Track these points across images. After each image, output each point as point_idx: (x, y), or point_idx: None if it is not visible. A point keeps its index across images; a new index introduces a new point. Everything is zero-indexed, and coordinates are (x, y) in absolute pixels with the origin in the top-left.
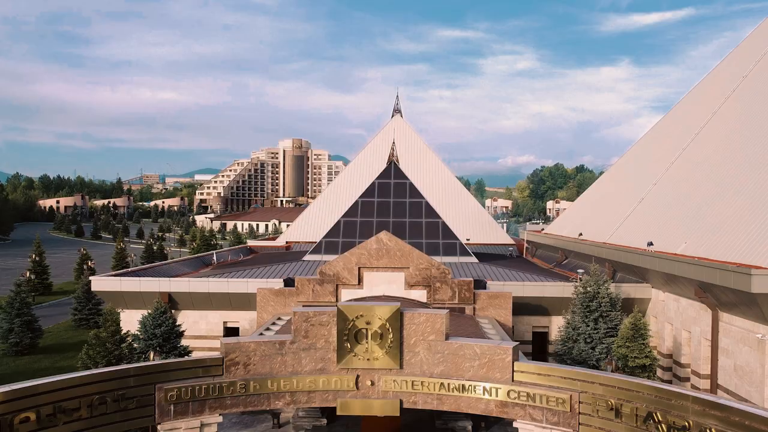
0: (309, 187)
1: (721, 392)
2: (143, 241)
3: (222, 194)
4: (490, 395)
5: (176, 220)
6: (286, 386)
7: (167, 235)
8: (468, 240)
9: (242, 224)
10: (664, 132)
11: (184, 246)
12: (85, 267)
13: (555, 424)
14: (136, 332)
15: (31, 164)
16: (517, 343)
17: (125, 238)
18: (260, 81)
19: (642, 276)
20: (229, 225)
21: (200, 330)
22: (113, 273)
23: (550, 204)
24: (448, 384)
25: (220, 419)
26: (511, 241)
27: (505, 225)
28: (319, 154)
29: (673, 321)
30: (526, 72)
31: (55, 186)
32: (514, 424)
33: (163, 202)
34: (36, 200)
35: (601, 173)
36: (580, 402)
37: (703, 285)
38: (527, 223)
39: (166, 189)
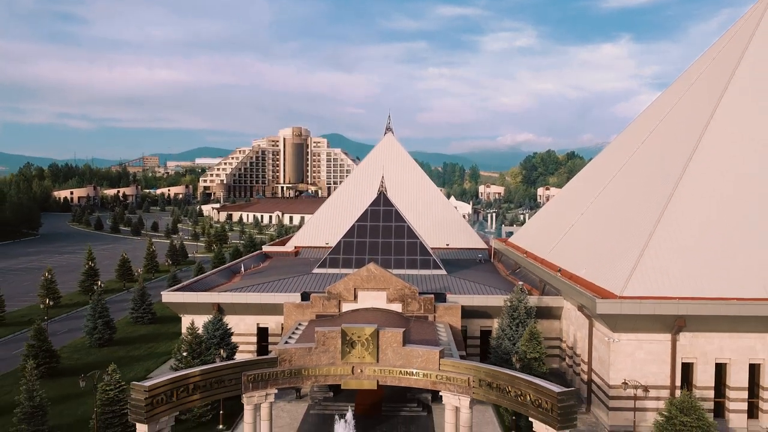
0: (309, 174)
1: (594, 375)
2: (159, 234)
3: (225, 181)
4: (427, 378)
5: (183, 210)
6: (312, 373)
7: (179, 226)
8: (447, 245)
9: (247, 215)
10: (604, 160)
11: (198, 240)
12: (135, 273)
13: (460, 393)
14: (198, 331)
15: (30, 144)
16: (443, 348)
17: (142, 231)
18: (259, 60)
19: (558, 290)
20: (235, 216)
21: (240, 329)
22: (176, 287)
23: (540, 191)
24: (405, 371)
25: (275, 391)
26: (484, 246)
27: (492, 215)
28: (318, 142)
29: (573, 324)
30: (526, 49)
31: (63, 174)
32: (440, 393)
33: (169, 190)
34: (50, 191)
35: (590, 160)
36: (472, 381)
37: (580, 303)
38: (509, 223)
39: (168, 173)
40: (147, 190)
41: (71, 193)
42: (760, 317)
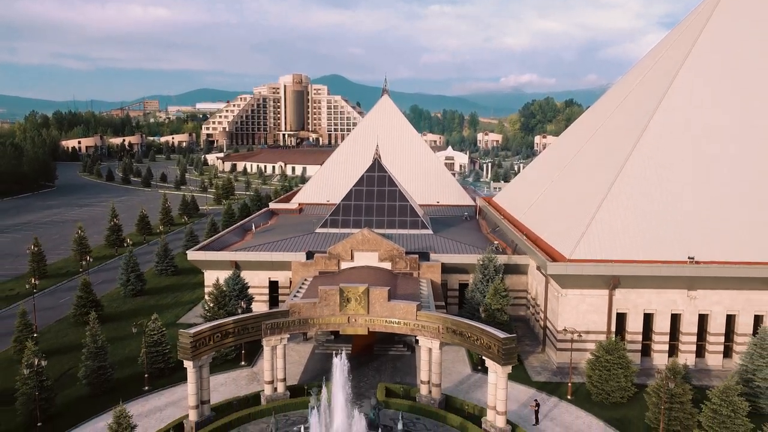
0: (309, 121)
1: (548, 322)
2: (168, 185)
3: (227, 129)
4: (406, 326)
5: (188, 158)
6: (317, 322)
7: (186, 176)
8: (438, 202)
9: (251, 165)
10: (587, 119)
11: (207, 191)
12: (158, 230)
13: (432, 337)
14: (223, 287)
15: (26, 85)
16: (419, 302)
17: (152, 182)
18: None
19: (525, 251)
20: (239, 166)
21: (254, 283)
22: (198, 247)
23: (537, 139)
24: (389, 320)
25: (288, 336)
26: (471, 203)
27: (488, 165)
28: (319, 89)
29: (536, 279)
30: None
31: (68, 122)
32: (417, 337)
33: (173, 138)
34: (58, 141)
35: (588, 108)
36: (441, 328)
37: (537, 263)
38: (502, 175)
39: (169, 118)
40: (151, 138)
41: (79, 142)
42: (680, 277)
